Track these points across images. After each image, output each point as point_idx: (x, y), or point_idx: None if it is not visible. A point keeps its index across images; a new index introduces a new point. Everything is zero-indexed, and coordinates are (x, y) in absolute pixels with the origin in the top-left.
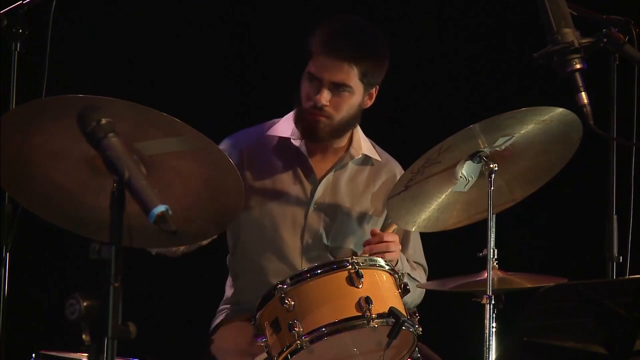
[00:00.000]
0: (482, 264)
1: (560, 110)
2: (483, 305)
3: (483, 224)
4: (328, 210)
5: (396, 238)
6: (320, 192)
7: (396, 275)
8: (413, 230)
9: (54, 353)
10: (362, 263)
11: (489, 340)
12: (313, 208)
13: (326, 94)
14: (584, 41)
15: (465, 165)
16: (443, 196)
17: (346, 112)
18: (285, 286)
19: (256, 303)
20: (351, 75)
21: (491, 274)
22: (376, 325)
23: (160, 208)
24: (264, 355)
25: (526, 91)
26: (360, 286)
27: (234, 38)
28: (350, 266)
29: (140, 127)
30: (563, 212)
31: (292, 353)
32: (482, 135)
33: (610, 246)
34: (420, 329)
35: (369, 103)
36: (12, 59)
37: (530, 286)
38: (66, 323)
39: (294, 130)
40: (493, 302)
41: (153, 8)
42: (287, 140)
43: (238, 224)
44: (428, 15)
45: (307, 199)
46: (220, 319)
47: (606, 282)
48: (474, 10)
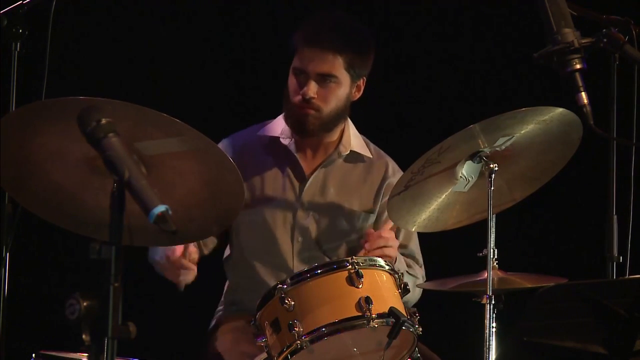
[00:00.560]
0: (482, 264)
1: (560, 110)
2: (483, 305)
3: (483, 224)
4: (318, 208)
5: (393, 234)
6: (308, 191)
7: (396, 275)
8: (413, 230)
9: (54, 353)
10: (362, 263)
11: (489, 340)
12: (302, 207)
13: (313, 86)
14: (584, 41)
15: (465, 165)
16: (443, 196)
17: (334, 104)
18: (285, 286)
19: (251, 303)
20: (336, 65)
21: (491, 274)
22: (376, 325)
23: (160, 208)
24: (264, 355)
25: (526, 91)
26: (360, 286)
27: (234, 38)
28: (350, 266)
29: (140, 127)
30: (563, 212)
31: (292, 353)
32: (482, 135)
33: (610, 246)
34: (420, 329)
35: (357, 95)
36: (12, 59)
37: (530, 286)
38: (66, 323)
39: (285, 129)
40: (493, 302)
41: (153, 8)
42: (277, 139)
43: (232, 225)
44: (428, 15)
45: (296, 198)
46: (217, 319)
47: (606, 282)
48: (474, 10)
